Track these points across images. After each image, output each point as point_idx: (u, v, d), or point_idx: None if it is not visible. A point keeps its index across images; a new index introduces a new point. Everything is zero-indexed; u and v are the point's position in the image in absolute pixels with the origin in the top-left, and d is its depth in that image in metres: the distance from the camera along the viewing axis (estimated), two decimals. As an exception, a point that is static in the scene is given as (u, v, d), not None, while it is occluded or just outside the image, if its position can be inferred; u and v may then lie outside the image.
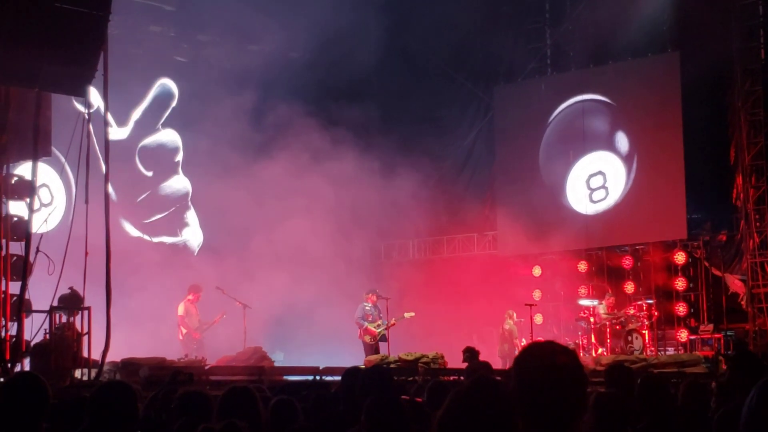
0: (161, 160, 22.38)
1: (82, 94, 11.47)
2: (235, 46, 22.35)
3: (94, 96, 12.45)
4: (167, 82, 22.21)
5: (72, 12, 10.61)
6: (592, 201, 22.37)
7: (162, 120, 22.31)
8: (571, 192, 22.58)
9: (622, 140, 21.86)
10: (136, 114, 21.82)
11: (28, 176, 12.12)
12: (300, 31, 21.94)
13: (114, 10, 11.00)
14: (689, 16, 20.79)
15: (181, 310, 18.14)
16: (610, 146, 22.06)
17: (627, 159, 21.76)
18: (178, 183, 22.64)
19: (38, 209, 15.01)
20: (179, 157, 22.57)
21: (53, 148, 12.90)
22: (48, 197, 19.67)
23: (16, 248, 11.94)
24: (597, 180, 22.29)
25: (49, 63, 10.69)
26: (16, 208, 12.28)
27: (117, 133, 20.74)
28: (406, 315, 18.68)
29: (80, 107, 12.46)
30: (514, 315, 20.36)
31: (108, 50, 11.49)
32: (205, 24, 22.32)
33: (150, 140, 22.26)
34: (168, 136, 22.49)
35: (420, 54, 24.68)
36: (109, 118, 14.93)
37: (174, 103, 22.29)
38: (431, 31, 24.12)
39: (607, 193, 22.17)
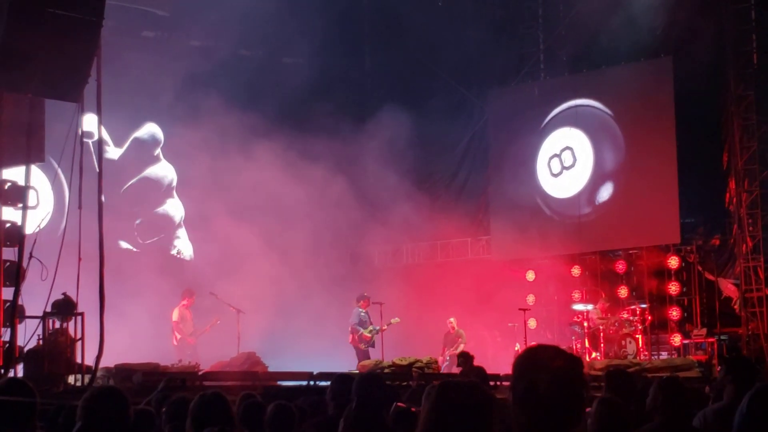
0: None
1: (75, 100, 11.43)
2: (228, 51, 22.32)
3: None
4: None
5: (65, 17, 10.58)
6: (551, 172, 22.71)
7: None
8: (540, 159, 22.86)
9: (614, 144, 21.88)
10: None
11: (20, 181, 12.06)
12: (292, 36, 21.96)
13: (107, 16, 10.99)
14: (682, 20, 20.82)
15: (175, 315, 18.15)
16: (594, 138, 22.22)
17: (618, 165, 21.81)
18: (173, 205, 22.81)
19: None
20: (174, 182, 22.71)
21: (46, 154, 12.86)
22: (34, 200, 19.55)
23: (9, 254, 11.91)
24: (566, 155, 22.56)
25: (42, 69, 10.66)
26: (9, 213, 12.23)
27: (112, 152, 20.86)
28: (393, 321, 18.70)
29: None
30: (454, 321, 20.16)
31: (102, 56, 11.49)
32: (198, 29, 22.29)
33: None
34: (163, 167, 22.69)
35: (413, 58, 24.68)
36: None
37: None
38: (424, 35, 24.12)
39: (562, 168, 22.52)
